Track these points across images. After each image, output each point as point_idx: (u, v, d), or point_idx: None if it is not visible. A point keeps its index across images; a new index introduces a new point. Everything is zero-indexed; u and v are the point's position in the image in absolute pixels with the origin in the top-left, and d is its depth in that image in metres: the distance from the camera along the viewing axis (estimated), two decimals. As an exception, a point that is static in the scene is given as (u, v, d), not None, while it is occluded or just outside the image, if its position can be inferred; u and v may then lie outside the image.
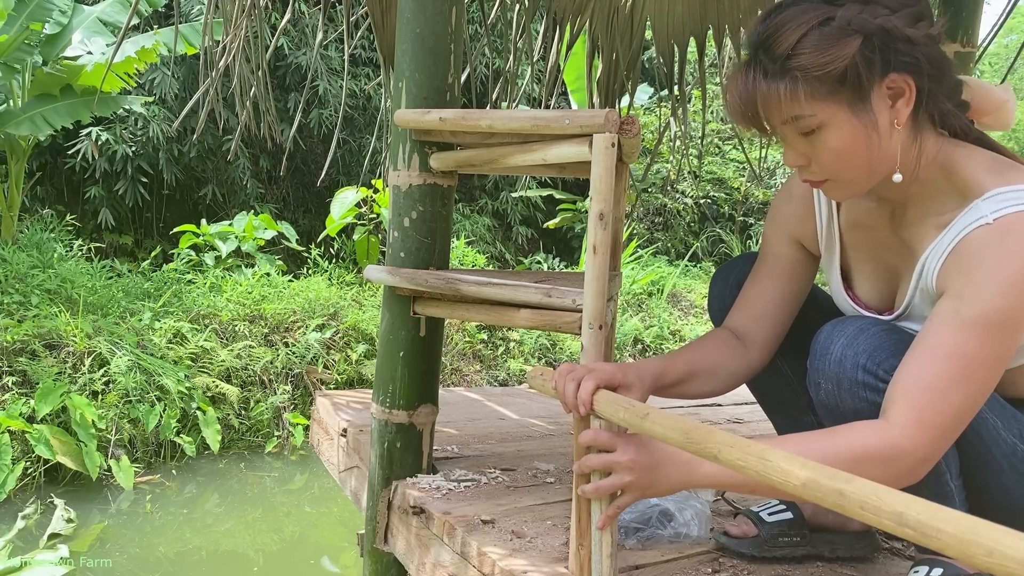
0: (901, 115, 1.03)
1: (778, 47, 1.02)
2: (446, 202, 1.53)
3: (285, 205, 7.44)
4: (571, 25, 3.04)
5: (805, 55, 1.00)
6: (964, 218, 1.03)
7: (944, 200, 1.08)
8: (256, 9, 2.66)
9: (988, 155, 1.07)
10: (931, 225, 1.09)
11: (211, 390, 4.35)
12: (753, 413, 2.51)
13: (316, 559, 3.47)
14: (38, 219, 6.09)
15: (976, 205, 1.01)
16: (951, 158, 1.07)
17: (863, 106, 1.02)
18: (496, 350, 5.53)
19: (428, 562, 1.44)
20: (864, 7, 1.00)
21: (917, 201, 1.11)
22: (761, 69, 1.03)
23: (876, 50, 0.99)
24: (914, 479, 1.00)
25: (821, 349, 1.12)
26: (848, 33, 0.99)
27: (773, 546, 1.32)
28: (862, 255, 1.25)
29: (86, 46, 5.59)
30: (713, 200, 9.06)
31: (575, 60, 4.76)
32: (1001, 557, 0.46)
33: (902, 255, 1.16)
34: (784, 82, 1.02)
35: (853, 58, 0.99)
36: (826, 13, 1.00)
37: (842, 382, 1.09)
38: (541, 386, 1.16)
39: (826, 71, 0.99)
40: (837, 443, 0.98)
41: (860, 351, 1.08)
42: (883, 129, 1.03)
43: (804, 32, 1.00)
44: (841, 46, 0.98)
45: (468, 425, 2.16)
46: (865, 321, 1.12)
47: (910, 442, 0.97)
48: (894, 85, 1.02)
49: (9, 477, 3.41)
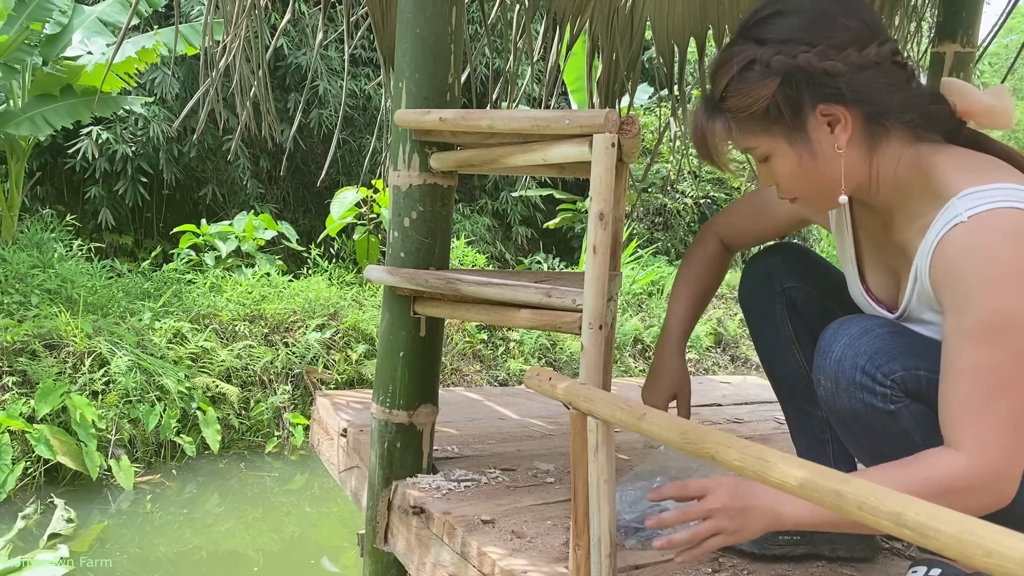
0: (840, 140, 1.08)
1: (714, 89, 1.13)
2: (446, 202, 1.53)
3: (285, 205, 7.44)
4: (571, 25, 3.04)
5: (731, 98, 1.10)
6: (942, 218, 1.04)
7: (923, 203, 1.09)
8: (256, 9, 2.66)
9: (969, 156, 1.08)
10: (917, 228, 1.10)
11: (211, 390, 4.35)
12: (753, 413, 2.51)
13: (316, 559, 3.47)
14: (38, 219, 6.09)
15: (951, 204, 1.02)
16: (929, 162, 1.08)
17: (799, 136, 1.09)
18: (496, 350, 5.53)
19: (428, 562, 1.44)
20: (783, 46, 1.06)
21: (900, 207, 1.13)
22: (706, 108, 1.15)
23: (798, 86, 1.06)
24: (1003, 500, 0.98)
25: (824, 347, 1.13)
26: (767, 75, 1.07)
27: (773, 544, 1.32)
28: (871, 252, 1.26)
29: (86, 46, 5.59)
30: (713, 200, 9.06)
31: (575, 60, 4.77)
32: (1000, 558, 0.46)
33: (899, 258, 1.17)
34: (720, 121, 1.13)
35: (773, 97, 1.07)
36: (750, 55, 1.08)
37: (840, 382, 1.09)
38: (539, 386, 1.16)
39: (750, 111, 1.09)
40: (913, 478, 0.98)
41: (860, 352, 1.08)
42: (825, 155, 1.10)
43: (731, 76, 1.09)
44: (760, 87, 1.07)
45: (468, 425, 2.16)
46: (872, 322, 1.12)
47: (979, 463, 0.96)
48: (828, 113, 1.07)
49: (9, 477, 3.41)
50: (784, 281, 1.40)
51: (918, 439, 1.08)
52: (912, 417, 1.08)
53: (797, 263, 1.42)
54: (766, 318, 1.42)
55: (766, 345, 1.45)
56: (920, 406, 1.08)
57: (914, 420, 1.08)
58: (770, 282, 1.41)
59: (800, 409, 1.43)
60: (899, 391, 1.07)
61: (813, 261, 1.44)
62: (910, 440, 1.08)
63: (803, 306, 1.39)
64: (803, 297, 1.39)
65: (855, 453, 1.22)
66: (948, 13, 2.37)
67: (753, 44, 1.08)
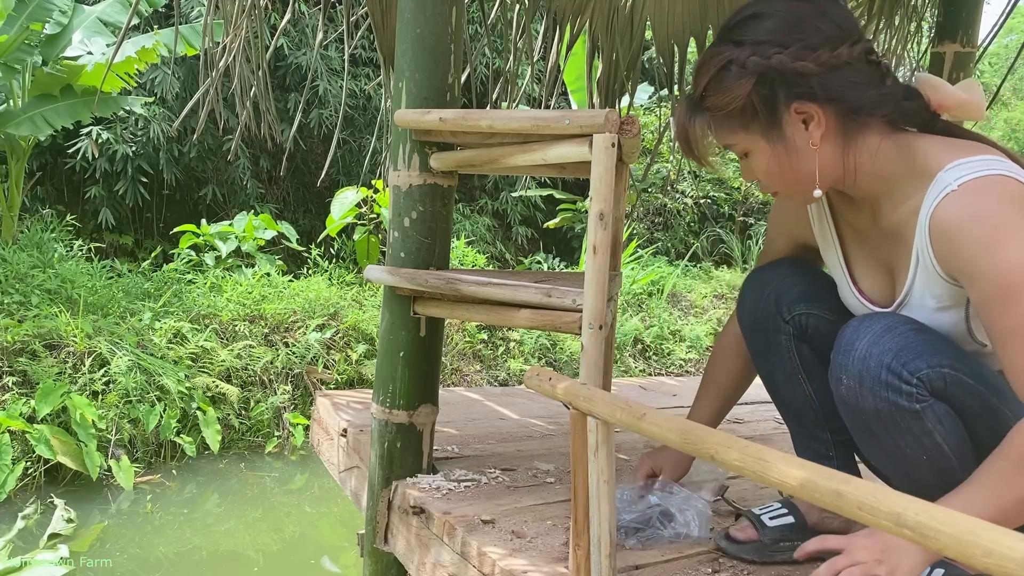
0: (815, 136, 1.12)
1: (695, 88, 1.18)
2: (446, 202, 1.53)
3: (285, 205, 7.44)
4: (571, 25, 3.04)
5: (710, 97, 1.14)
6: (932, 191, 1.07)
7: (909, 185, 1.12)
8: (256, 9, 2.66)
9: (948, 139, 1.13)
10: (907, 211, 1.13)
11: (211, 390, 4.35)
12: (753, 413, 2.51)
13: (316, 559, 3.47)
14: (38, 219, 6.09)
15: (939, 177, 1.06)
16: (910, 147, 1.13)
17: (776, 133, 1.13)
18: (496, 350, 5.53)
19: (428, 562, 1.44)
20: (757, 47, 1.11)
21: (886, 193, 1.16)
22: (687, 107, 1.19)
23: (772, 85, 1.10)
24: None
25: (846, 344, 1.11)
26: (742, 75, 1.11)
27: (774, 551, 1.31)
28: (860, 251, 1.26)
29: (86, 46, 5.59)
30: (713, 200, 9.06)
31: (575, 60, 4.76)
32: (1000, 558, 0.46)
33: (892, 247, 1.18)
34: (701, 119, 1.17)
35: (749, 96, 1.11)
36: (728, 56, 1.12)
37: (864, 380, 1.08)
38: (539, 386, 1.16)
39: (727, 110, 1.13)
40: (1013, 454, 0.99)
41: (886, 350, 1.07)
42: (801, 151, 1.13)
43: (710, 75, 1.14)
44: (737, 87, 1.11)
45: (468, 425, 2.16)
46: (893, 319, 1.12)
47: None
48: (802, 111, 1.11)
49: (9, 477, 3.41)
50: (794, 307, 1.31)
51: (940, 439, 1.08)
52: (936, 417, 1.08)
53: (807, 278, 1.34)
54: (770, 347, 1.35)
55: (768, 372, 1.39)
56: (943, 406, 1.08)
57: (937, 420, 1.08)
58: (778, 308, 1.32)
59: (804, 429, 1.38)
60: (924, 390, 1.06)
61: (823, 274, 1.37)
62: (932, 440, 1.08)
63: (814, 332, 1.31)
64: (815, 323, 1.31)
65: (870, 455, 1.20)
66: (948, 13, 2.37)
67: (731, 45, 1.13)
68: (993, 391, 1.10)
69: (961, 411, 1.09)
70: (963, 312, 1.13)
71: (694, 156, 1.22)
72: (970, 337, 1.15)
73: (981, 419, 1.09)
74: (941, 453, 1.09)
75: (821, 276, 1.36)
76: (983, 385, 1.09)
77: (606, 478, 1.03)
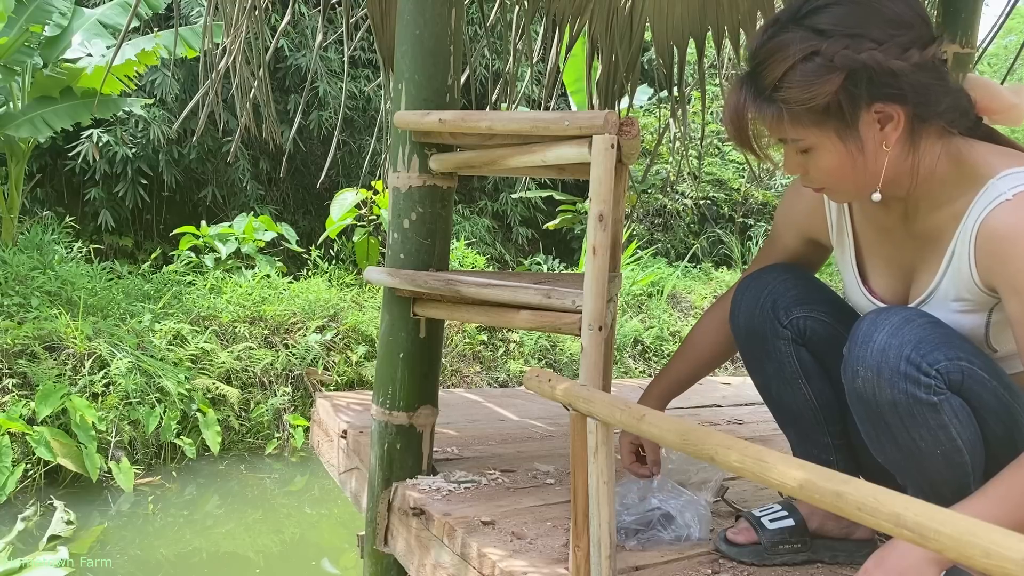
0: (890, 138, 1.07)
1: (765, 77, 1.07)
2: (446, 203, 1.53)
3: (285, 207, 7.44)
4: (570, 27, 3.04)
5: (789, 89, 1.04)
6: (983, 198, 1.05)
7: (953, 189, 1.10)
8: (256, 11, 2.66)
9: (994, 146, 1.11)
10: (946, 214, 1.11)
11: (211, 392, 4.35)
12: (753, 414, 2.51)
13: (316, 560, 3.47)
14: (38, 221, 6.08)
15: (992, 185, 1.04)
16: (959, 150, 1.10)
17: (850, 132, 1.06)
18: (496, 351, 5.52)
19: (428, 563, 1.44)
20: (850, 40, 1.02)
21: (928, 195, 1.13)
22: (752, 92, 1.09)
23: (861, 84, 1.02)
24: None
25: (863, 337, 1.09)
26: (832, 70, 1.02)
27: (773, 554, 1.31)
28: (876, 251, 1.25)
29: (86, 48, 5.59)
30: (713, 201, 9.05)
31: (574, 61, 4.76)
32: (999, 558, 0.46)
33: (919, 249, 1.17)
34: (771, 110, 1.07)
35: (836, 93, 1.03)
36: (812, 47, 1.02)
37: (883, 372, 1.06)
38: (538, 388, 1.16)
39: (808, 105, 1.04)
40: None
41: (905, 341, 1.05)
42: (871, 151, 1.07)
43: (789, 65, 1.03)
44: (824, 83, 1.02)
45: (468, 426, 2.15)
46: (910, 312, 1.11)
47: None
48: (882, 111, 1.05)
49: (9, 479, 3.41)
50: (791, 311, 1.29)
51: (955, 433, 1.07)
52: (952, 411, 1.07)
53: (800, 283, 1.32)
54: (768, 353, 1.32)
55: (765, 380, 1.36)
56: (959, 400, 1.07)
57: (953, 414, 1.07)
58: (775, 313, 1.29)
59: (804, 434, 1.37)
60: (943, 382, 1.06)
61: (815, 278, 1.36)
62: (947, 433, 1.07)
63: (812, 335, 1.29)
64: (812, 326, 1.29)
65: (880, 450, 1.17)
66: (947, 13, 2.37)
67: (811, 33, 1.03)
68: (1006, 387, 1.10)
69: (976, 405, 1.08)
70: (984, 318, 1.12)
71: (747, 145, 1.14)
72: (985, 343, 1.14)
73: (995, 414, 1.09)
74: (955, 447, 1.08)
75: (813, 280, 1.35)
76: (997, 380, 1.09)
77: (606, 479, 1.03)
